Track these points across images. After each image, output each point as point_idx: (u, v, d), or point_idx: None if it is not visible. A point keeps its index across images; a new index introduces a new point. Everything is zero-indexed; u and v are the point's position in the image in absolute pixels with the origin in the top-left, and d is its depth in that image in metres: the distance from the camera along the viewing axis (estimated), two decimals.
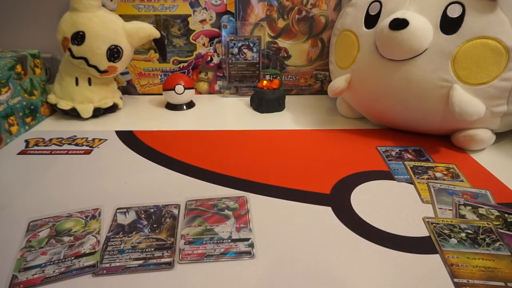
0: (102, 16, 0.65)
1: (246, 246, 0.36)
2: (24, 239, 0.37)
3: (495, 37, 0.49)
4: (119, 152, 0.56)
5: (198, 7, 0.78)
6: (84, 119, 0.68)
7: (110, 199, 0.44)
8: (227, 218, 0.40)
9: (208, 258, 0.35)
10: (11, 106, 0.59)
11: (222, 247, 0.36)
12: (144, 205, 0.42)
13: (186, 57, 0.82)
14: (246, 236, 0.37)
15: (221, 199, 0.43)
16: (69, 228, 0.39)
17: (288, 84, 0.85)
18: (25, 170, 0.50)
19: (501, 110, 0.52)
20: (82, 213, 0.41)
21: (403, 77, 0.54)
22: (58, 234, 0.38)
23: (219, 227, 0.39)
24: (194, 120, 0.71)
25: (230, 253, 0.35)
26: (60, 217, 0.40)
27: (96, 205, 0.42)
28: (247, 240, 0.37)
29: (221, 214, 0.41)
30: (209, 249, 0.35)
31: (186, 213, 0.41)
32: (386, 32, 0.52)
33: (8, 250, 0.36)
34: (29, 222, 0.40)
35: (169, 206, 0.42)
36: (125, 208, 0.42)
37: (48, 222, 0.40)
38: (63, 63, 0.68)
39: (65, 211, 0.41)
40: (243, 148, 0.57)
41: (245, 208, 0.42)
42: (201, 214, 0.41)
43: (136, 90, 0.84)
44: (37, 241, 0.37)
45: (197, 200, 0.43)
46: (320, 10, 0.79)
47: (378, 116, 0.64)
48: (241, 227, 0.39)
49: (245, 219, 0.40)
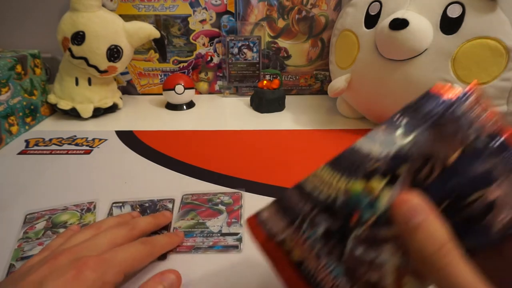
0: (102, 16, 0.65)
1: (234, 240, 0.37)
2: (21, 230, 0.38)
3: (495, 37, 0.49)
4: (119, 152, 0.56)
5: (198, 7, 0.78)
6: (84, 119, 0.68)
7: (107, 196, 0.44)
8: (220, 213, 0.41)
9: (196, 250, 0.35)
10: (11, 106, 0.59)
11: (211, 241, 0.37)
12: (139, 200, 0.43)
13: (186, 57, 0.82)
14: (235, 231, 0.38)
15: (217, 194, 0.44)
16: (65, 220, 0.40)
17: (288, 84, 0.85)
18: (25, 170, 0.50)
19: (501, 110, 0.52)
20: (77, 206, 0.42)
21: (403, 77, 0.54)
22: (54, 226, 0.39)
23: (211, 221, 0.39)
24: (194, 120, 0.71)
25: (218, 247, 0.36)
26: (56, 210, 0.41)
27: (91, 199, 0.43)
28: (236, 234, 0.38)
29: (215, 208, 0.42)
30: (198, 242, 0.36)
31: (181, 207, 0.42)
32: (386, 32, 0.52)
33: (6, 242, 0.36)
34: (26, 214, 0.40)
35: (163, 200, 0.43)
36: (121, 203, 0.42)
37: (45, 215, 0.40)
38: (63, 63, 0.68)
39: (61, 205, 0.42)
40: (243, 148, 0.57)
41: (238, 204, 0.42)
42: (196, 208, 0.42)
43: (136, 90, 0.84)
44: (34, 232, 0.38)
45: (193, 195, 0.44)
46: (320, 10, 0.79)
47: (378, 116, 0.64)
48: (232, 222, 0.40)
49: (237, 214, 0.41)
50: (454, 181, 0.19)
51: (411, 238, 0.18)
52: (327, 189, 0.20)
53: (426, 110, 0.20)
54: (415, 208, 0.18)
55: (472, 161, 0.19)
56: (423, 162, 0.19)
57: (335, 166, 0.21)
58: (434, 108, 0.20)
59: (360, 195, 0.19)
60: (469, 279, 0.17)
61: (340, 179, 0.20)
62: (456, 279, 0.17)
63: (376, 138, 0.20)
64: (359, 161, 0.20)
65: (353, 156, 0.20)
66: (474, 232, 0.19)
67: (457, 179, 0.19)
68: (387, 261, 0.19)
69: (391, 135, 0.20)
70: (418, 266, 0.18)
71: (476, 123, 0.20)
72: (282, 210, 0.21)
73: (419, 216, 0.18)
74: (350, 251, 0.20)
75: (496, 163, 0.19)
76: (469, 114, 0.20)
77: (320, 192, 0.21)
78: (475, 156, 0.19)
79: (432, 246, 0.18)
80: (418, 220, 0.18)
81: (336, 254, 0.20)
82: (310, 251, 0.20)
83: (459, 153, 0.19)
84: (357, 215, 0.19)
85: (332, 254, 0.20)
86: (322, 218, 0.20)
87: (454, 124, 0.19)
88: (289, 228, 0.21)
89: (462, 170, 0.19)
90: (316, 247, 0.20)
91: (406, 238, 0.18)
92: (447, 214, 0.19)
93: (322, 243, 0.20)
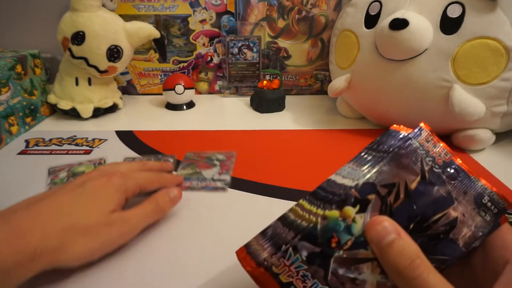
0: (102, 16, 0.65)
1: (222, 184, 0.46)
2: (48, 178, 0.47)
3: (495, 37, 0.49)
4: (119, 152, 0.56)
5: (198, 7, 0.78)
6: (84, 119, 0.68)
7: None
8: (214, 166, 0.50)
9: (192, 189, 0.45)
10: (11, 106, 0.59)
11: (204, 183, 0.46)
12: (146, 156, 0.54)
13: (186, 57, 0.82)
14: (224, 178, 0.48)
15: (214, 153, 0.54)
16: (83, 170, 0.49)
17: (288, 84, 0.85)
18: (25, 170, 0.50)
19: (501, 110, 0.52)
20: (90, 162, 0.51)
21: (403, 77, 0.54)
22: (74, 175, 0.47)
23: (206, 171, 0.49)
24: (194, 120, 0.71)
25: (209, 187, 0.46)
26: (73, 165, 0.50)
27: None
28: (224, 180, 0.47)
29: (210, 163, 0.52)
30: (194, 184, 0.46)
31: (184, 161, 0.52)
32: (386, 32, 0.52)
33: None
34: (48, 168, 0.49)
35: (166, 157, 0.53)
36: (132, 158, 0.53)
37: (65, 168, 0.49)
38: (63, 63, 0.68)
39: (77, 161, 0.51)
40: (243, 148, 0.57)
41: (230, 160, 0.52)
42: (195, 162, 0.52)
43: (136, 90, 0.84)
44: (59, 179, 0.47)
45: (194, 153, 0.54)
46: (320, 10, 0.79)
47: (378, 116, 0.64)
48: (223, 172, 0.49)
49: (227, 167, 0.50)
50: (418, 203, 0.22)
51: (385, 256, 0.21)
52: (308, 217, 0.23)
53: (388, 144, 0.23)
54: (386, 229, 0.21)
55: (432, 185, 0.22)
56: (389, 188, 0.22)
57: (313, 198, 0.23)
58: (394, 142, 0.23)
59: (337, 220, 0.22)
60: (439, 286, 0.19)
61: (318, 208, 0.22)
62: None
63: (346, 172, 0.23)
64: (334, 192, 0.23)
65: (328, 188, 0.23)
66: (442, 247, 0.22)
67: (421, 201, 0.22)
68: (368, 279, 0.22)
69: (360, 168, 0.23)
70: (395, 281, 0.21)
71: (432, 152, 0.23)
72: (268, 239, 0.23)
73: (390, 236, 0.20)
74: (333, 272, 0.22)
75: (453, 186, 0.23)
76: (425, 145, 0.23)
77: (301, 220, 0.23)
78: (434, 180, 0.22)
79: (404, 261, 0.20)
80: (390, 239, 0.20)
81: (320, 276, 0.22)
82: (297, 274, 0.22)
83: (419, 179, 0.22)
84: (336, 239, 0.22)
85: (317, 276, 0.22)
86: (304, 243, 0.22)
87: (413, 154, 0.23)
88: (275, 255, 0.23)
89: (424, 194, 0.22)
90: (301, 270, 0.22)
91: (381, 256, 0.21)
92: (416, 233, 0.22)
93: (307, 266, 0.22)
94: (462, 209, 0.22)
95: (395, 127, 0.24)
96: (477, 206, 0.23)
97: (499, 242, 0.22)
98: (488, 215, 0.23)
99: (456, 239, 0.22)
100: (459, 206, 0.22)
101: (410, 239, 0.21)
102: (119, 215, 0.34)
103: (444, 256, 0.22)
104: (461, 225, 0.22)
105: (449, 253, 0.22)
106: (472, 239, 0.22)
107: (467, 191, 0.23)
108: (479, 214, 0.23)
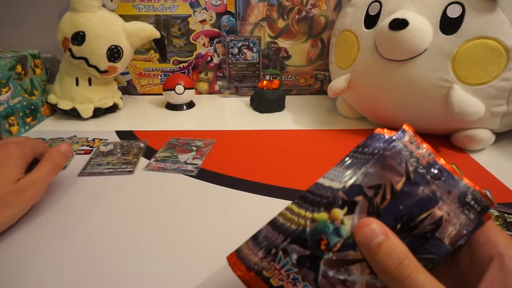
0: (102, 16, 0.65)
1: (193, 167, 0.50)
2: None
3: (495, 37, 0.49)
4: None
5: (198, 7, 0.78)
6: (84, 119, 0.68)
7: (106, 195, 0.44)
8: (191, 151, 0.55)
9: (163, 170, 0.50)
10: (12, 106, 0.59)
11: (176, 166, 0.51)
12: (119, 142, 0.58)
13: (186, 57, 0.83)
14: (196, 162, 0.52)
15: (194, 140, 0.59)
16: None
17: (288, 84, 0.85)
18: None
19: (501, 110, 0.52)
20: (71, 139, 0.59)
21: (403, 77, 0.54)
22: None
23: (182, 156, 0.53)
24: (194, 120, 0.71)
25: (179, 170, 0.50)
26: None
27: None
28: (196, 165, 0.51)
29: (188, 148, 0.56)
30: (167, 165, 0.51)
31: (166, 146, 0.56)
32: (386, 32, 0.52)
33: None
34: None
35: (137, 142, 0.58)
36: (106, 143, 0.58)
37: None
38: (63, 63, 0.68)
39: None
40: (243, 148, 0.57)
41: (207, 148, 0.56)
42: (175, 147, 0.56)
43: (136, 90, 0.84)
44: None
45: (177, 139, 0.59)
46: (320, 10, 0.79)
47: (378, 116, 0.64)
48: (196, 157, 0.53)
49: (202, 153, 0.54)
50: (405, 203, 0.22)
51: (374, 257, 0.21)
52: (297, 220, 0.23)
53: (372, 147, 0.24)
54: (374, 231, 0.21)
55: (417, 185, 0.23)
56: (376, 189, 0.22)
57: (302, 201, 0.23)
58: (379, 145, 0.23)
59: (326, 223, 0.22)
60: (428, 285, 0.20)
61: (307, 211, 0.23)
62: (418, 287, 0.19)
63: (334, 175, 0.24)
64: (322, 195, 0.23)
65: (316, 191, 0.23)
66: (428, 246, 0.22)
67: (407, 202, 0.22)
68: (358, 280, 0.22)
69: (346, 171, 0.23)
70: (384, 281, 0.21)
71: (416, 153, 0.23)
72: (258, 244, 0.24)
73: (379, 237, 0.21)
74: (323, 274, 0.22)
75: (437, 186, 0.23)
76: (409, 147, 0.23)
77: (290, 224, 0.23)
78: (419, 181, 0.23)
79: (393, 262, 0.20)
80: (378, 241, 0.21)
81: (311, 278, 0.22)
82: (287, 277, 0.23)
83: (405, 180, 0.23)
84: (325, 241, 0.22)
85: (307, 279, 0.22)
86: (294, 246, 0.22)
87: (398, 155, 0.23)
88: (266, 259, 0.23)
89: (409, 194, 0.22)
90: (291, 273, 0.23)
91: (370, 258, 0.21)
92: (403, 232, 0.22)
93: (297, 269, 0.22)
94: (447, 208, 0.23)
95: (379, 131, 0.25)
96: (461, 205, 0.23)
97: (484, 239, 0.23)
98: (472, 213, 0.23)
99: (442, 237, 0.23)
100: (444, 205, 0.23)
101: (398, 240, 0.21)
102: (25, 181, 0.37)
103: (431, 255, 0.22)
104: (446, 224, 0.23)
105: (436, 251, 0.23)
106: (458, 237, 0.23)
107: (451, 190, 0.23)
108: (463, 212, 0.23)
